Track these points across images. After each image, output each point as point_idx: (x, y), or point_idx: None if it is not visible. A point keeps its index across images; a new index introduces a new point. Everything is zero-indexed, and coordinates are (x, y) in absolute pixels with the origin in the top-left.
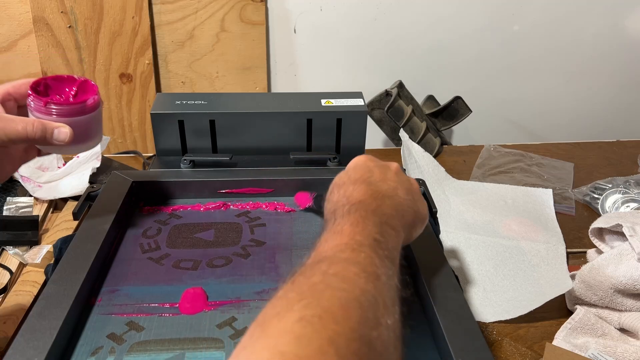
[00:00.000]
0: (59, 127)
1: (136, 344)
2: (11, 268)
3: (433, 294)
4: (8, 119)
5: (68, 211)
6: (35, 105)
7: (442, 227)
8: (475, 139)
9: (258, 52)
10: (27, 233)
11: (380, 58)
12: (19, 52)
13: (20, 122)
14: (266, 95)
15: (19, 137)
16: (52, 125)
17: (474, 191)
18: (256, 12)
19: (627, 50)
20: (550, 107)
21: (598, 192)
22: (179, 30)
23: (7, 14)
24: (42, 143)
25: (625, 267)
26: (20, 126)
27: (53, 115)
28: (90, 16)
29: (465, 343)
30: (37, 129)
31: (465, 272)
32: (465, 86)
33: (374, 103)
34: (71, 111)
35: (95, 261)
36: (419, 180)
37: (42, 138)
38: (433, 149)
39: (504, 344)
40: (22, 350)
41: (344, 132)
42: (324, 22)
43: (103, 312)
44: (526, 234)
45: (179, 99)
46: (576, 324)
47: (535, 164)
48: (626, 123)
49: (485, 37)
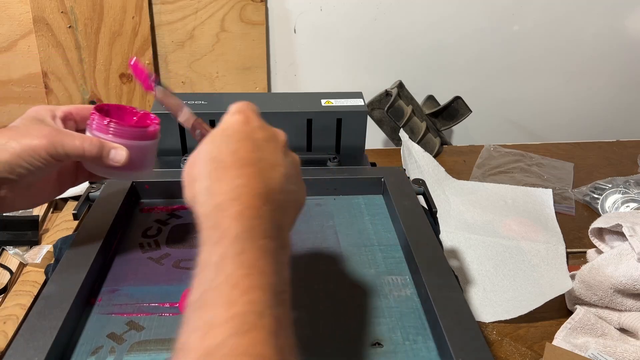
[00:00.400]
0: (116, 147)
1: (136, 344)
2: (11, 268)
3: (433, 294)
4: (67, 133)
5: (68, 211)
6: (97, 125)
7: (442, 227)
8: (475, 139)
9: (258, 52)
10: (27, 233)
11: (380, 58)
12: (18, 52)
13: (79, 138)
14: (266, 95)
15: (75, 152)
16: (110, 145)
17: (474, 191)
18: (256, 12)
19: (627, 50)
20: (550, 107)
21: (598, 192)
22: (179, 31)
23: (7, 14)
24: (97, 162)
25: (625, 267)
26: (78, 141)
27: (112, 135)
28: (90, 16)
29: (465, 343)
30: (94, 146)
31: (465, 272)
32: (465, 86)
33: (374, 103)
34: (131, 134)
35: (95, 261)
36: (419, 181)
37: (97, 156)
38: (433, 149)
39: (504, 344)
40: (22, 350)
41: (344, 132)
42: (324, 22)
43: (103, 312)
44: (526, 234)
45: (179, 99)
46: (576, 324)
47: (535, 164)
48: (626, 123)
49: (485, 37)
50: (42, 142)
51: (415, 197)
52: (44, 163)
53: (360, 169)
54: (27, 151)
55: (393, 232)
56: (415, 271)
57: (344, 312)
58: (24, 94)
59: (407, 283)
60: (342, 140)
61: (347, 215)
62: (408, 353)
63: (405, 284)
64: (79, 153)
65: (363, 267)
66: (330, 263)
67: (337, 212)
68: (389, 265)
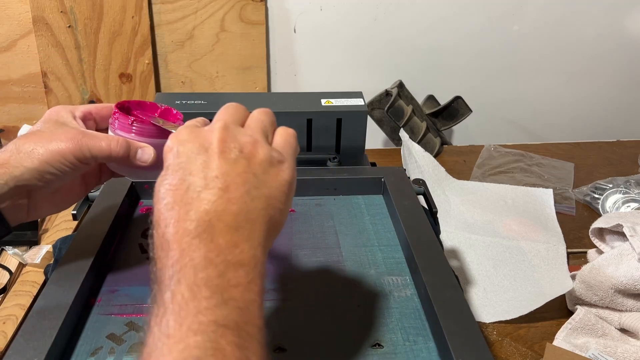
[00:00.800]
0: (143, 147)
1: (136, 345)
2: (11, 268)
3: (433, 294)
4: (92, 135)
5: (67, 211)
6: (120, 124)
7: (443, 227)
8: (475, 139)
9: (258, 52)
10: (26, 233)
11: (380, 58)
12: (18, 52)
13: (104, 139)
14: (266, 95)
15: (102, 154)
16: (137, 145)
17: (474, 191)
18: (256, 12)
19: (628, 50)
20: (551, 107)
21: (598, 192)
22: (178, 30)
23: (6, 14)
24: (124, 162)
25: (626, 267)
26: (104, 142)
27: (136, 134)
28: (90, 16)
29: (466, 344)
30: (121, 147)
31: (465, 272)
32: (465, 86)
33: (374, 103)
34: (157, 132)
35: (95, 261)
36: (419, 181)
37: (124, 156)
38: (433, 149)
39: (504, 344)
40: (22, 351)
41: (344, 132)
42: (324, 22)
43: (103, 313)
44: (526, 234)
45: (178, 98)
46: (576, 324)
47: (535, 164)
48: (626, 123)
49: (485, 37)
50: (68, 146)
51: (415, 197)
52: (72, 167)
53: (360, 169)
54: (55, 156)
55: (393, 232)
56: (416, 271)
57: (344, 313)
58: (23, 94)
59: (407, 283)
60: (342, 140)
61: (347, 215)
62: (408, 354)
63: (406, 284)
64: (106, 154)
65: (363, 267)
66: (330, 263)
67: (337, 212)
68: (389, 266)
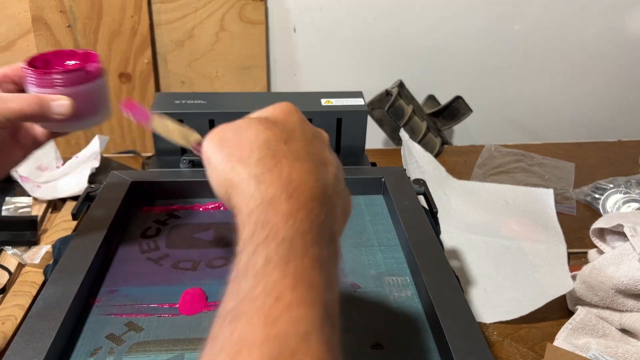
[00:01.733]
0: (56, 99)
1: (135, 345)
2: (10, 268)
3: (433, 294)
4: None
5: (67, 211)
6: (30, 79)
7: (443, 228)
8: (476, 138)
9: (258, 51)
10: (25, 233)
11: (380, 58)
12: (18, 51)
13: (14, 100)
14: (266, 95)
15: (15, 116)
16: (49, 98)
17: (475, 191)
18: (256, 12)
19: (628, 50)
20: (551, 106)
21: (599, 192)
22: (178, 30)
23: (6, 14)
24: (44, 119)
25: (627, 268)
26: (14, 104)
27: (51, 87)
28: (89, 15)
29: (466, 344)
30: (32, 104)
31: (465, 273)
32: (465, 86)
33: (374, 103)
34: (69, 80)
35: (94, 261)
36: (419, 181)
37: (40, 113)
38: (433, 149)
39: (504, 345)
40: (21, 351)
41: (344, 131)
42: (324, 22)
43: (102, 313)
44: (527, 234)
45: (178, 98)
46: (577, 324)
47: (536, 164)
48: (627, 123)
49: (486, 36)
50: None
51: (415, 197)
52: None
53: (361, 169)
54: None
55: (393, 232)
56: (416, 272)
57: (343, 313)
58: None
59: (408, 284)
60: (342, 140)
61: None
62: (409, 354)
63: (406, 284)
64: (19, 116)
65: (363, 267)
66: None
67: None
68: (389, 266)
